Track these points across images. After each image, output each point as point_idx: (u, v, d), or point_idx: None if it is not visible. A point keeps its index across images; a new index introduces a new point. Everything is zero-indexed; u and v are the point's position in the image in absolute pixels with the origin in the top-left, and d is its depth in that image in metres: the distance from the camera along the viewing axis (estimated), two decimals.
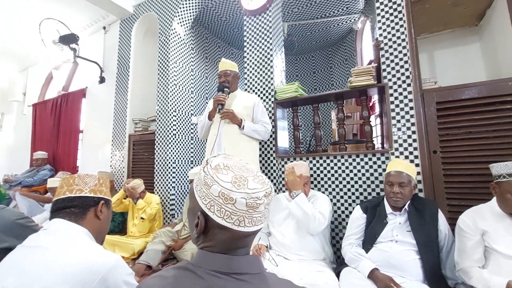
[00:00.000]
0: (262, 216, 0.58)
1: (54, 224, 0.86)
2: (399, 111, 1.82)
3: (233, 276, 0.53)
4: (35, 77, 5.30)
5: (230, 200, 0.54)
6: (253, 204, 0.55)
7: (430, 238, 1.39)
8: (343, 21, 3.81)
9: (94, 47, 4.08)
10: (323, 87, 4.62)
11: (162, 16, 3.32)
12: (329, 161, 2.08)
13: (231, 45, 4.52)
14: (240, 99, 2.10)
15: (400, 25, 1.88)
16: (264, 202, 0.56)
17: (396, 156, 1.79)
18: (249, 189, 0.55)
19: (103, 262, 0.79)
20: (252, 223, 0.56)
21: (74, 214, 0.88)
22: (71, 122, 4.25)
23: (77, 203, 0.90)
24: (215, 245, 0.57)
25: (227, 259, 0.55)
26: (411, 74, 1.80)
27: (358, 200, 1.92)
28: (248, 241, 0.59)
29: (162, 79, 3.23)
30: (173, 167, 3.06)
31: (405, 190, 1.45)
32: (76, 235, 0.85)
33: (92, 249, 0.83)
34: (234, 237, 0.56)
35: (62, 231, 0.84)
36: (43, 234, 0.84)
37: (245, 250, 0.59)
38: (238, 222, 0.55)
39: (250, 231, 0.56)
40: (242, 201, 0.54)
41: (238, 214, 0.54)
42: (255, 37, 2.56)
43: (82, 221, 0.89)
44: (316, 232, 1.62)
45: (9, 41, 4.55)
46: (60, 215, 0.87)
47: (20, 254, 0.79)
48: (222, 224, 0.55)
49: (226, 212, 0.55)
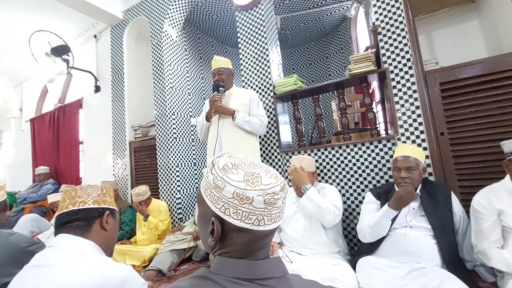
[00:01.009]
0: (281, 211, 0.55)
1: (59, 240, 0.83)
2: (402, 95, 1.78)
3: (257, 283, 0.49)
4: (30, 91, 5.27)
5: (246, 199, 0.51)
6: (271, 200, 0.52)
7: (446, 222, 1.36)
8: (336, 9, 3.76)
9: (87, 56, 4.03)
10: (320, 78, 4.58)
11: (153, 19, 3.27)
12: (334, 152, 2.04)
13: (224, 43, 4.47)
14: (236, 96, 2.06)
15: (397, 7, 1.84)
16: (282, 196, 0.54)
17: (402, 141, 1.75)
18: (264, 185, 0.52)
19: (114, 276, 0.76)
20: (272, 220, 0.53)
21: (79, 227, 0.85)
22: (70, 134, 4.22)
23: (81, 215, 0.86)
24: (234, 250, 0.53)
25: (249, 264, 0.52)
26: (412, 57, 1.76)
27: (367, 189, 1.89)
28: (268, 241, 0.56)
29: (158, 83, 3.19)
30: (176, 170, 3.03)
31: (413, 174, 1.42)
32: (83, 250, 0.82)
33: (101, 263, 0.80)
34: (254, 238, 0.53)
35: (68, 246, 0.81)
36: (49, 251, 0.81)
37: (265, 251, 0.56)
38: (257, 221, 0.52)
39: (271, 229, 0.53)
40: (259, 199, 0.51)
41: (257, 213, 0.52)
42: (249, 32, 2.52)
43: (88, 234, 0.86)
44: (332, 225, 1.59)
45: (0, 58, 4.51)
46: (64, 230, 0.84)
47: (26, 275, 0.76)
48: (241, 226, 0.52)
49: (243, 213, 0.52)
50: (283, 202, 0.54)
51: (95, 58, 3.98)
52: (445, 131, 1.65)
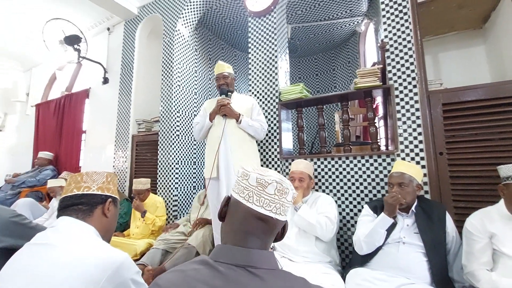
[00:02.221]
0: (272, 201, 0.61)
1: (61, 221, 0.85)
2: (404, 113, 1.81)
3: (248, 270, 0.53)
4: (39, 77, 5.33)
5: (245, 176, 0.64)
6: (262, 181, 0.62)
7: (438, 241, 1.37)
8: (347, 23, 3.83)
9: (98, 48, 4.09)
10: (326, 89, 4.63)
11: (167, 18, 3.33)
12: (333, 163, 2.07)
13: (234, 47, 4.54)
14: (238, 101, 2.12)
15: (406, 27, 1.88)
16: (275, 186, 0.62)
17: (402, 158, 1.78)
18: (264, 172, 0.64)
19: (112, 260, 0.78)
20: (260, 202, 0.61)
21: (82, 211, 0.88)
22: (74, 122, 4.26)
23: (85, 200, 0.89)
24: (230, 229, 0.63)
25: (244, 251, 0.57)
26: (417, 76, 1.80)
27: (363, 202, 1.91)
28: (260, 231, 0.61)
29: (166, 80, 3.24)
30: (176, 167, 3.06)
31: (404, 190, 1.44)
32: (83, 233, 0.85)
33: (100, 247, 0.82)
34: (245, 216, 0.61)
35: (70, 228, 0.84)
36: (51, 231, 0.83)
37: (259, 241, 0.61)
38: (247, 197, 0.62)
39: (258, 211, 0.60)
40: (253, 177, 0.63)
41: (249, 189, 0.62)
42: (260, 38, 2.57)
43: (89, 219, 0.89)
44: (328, 239, 1.61)
45: (12, 41, 4.58)
46: (67, 213, 0.87)
47: (28, 252, 0.79)
48: (236, 199, 0.63)
49: (240, 187, 0.64)
50: (275, 193, 0.62)
51: (106, 50, 4.05)
52: (444, 151, 1.67)
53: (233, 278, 0.51)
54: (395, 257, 1.40)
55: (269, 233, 0.63)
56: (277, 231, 0.65)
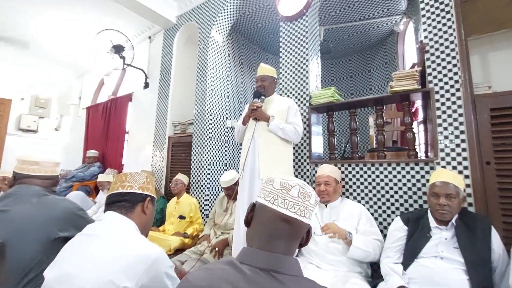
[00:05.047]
0: (296, 203, 0.64)
1: (107, 216, 0.96)
2: (446, 118, 1.69)
3: (272, 274, 0.55)
4: (89, 82, 5.91)
5: (269, 182, 0.68)
6: (286, 185, 0.65)
7: (482, 258, 1.26)
8: (384, 23, 3.66)
9: (141, 55, 4.42)
10: (360, 92, 4.46)
11: (202, 25, 3.49)
12: (366, 169, 2.00)
13: (266, 51, 4.59)
14: (276, 103, 2.11)
15: (448, 26, 1.76)
16: (298, 189, 0.65)
17: (442, 166, 1.66)
18: (287, 177, 0.68)
19: (149, 253, 0.86)
20: (285, 204, 0.63)
21: (125, 208, 0.98)
22: (119, 124, 4.64)
23: (128, 198, 0.99)
24: (256, 233, 0.65)
25: (269, 256, 0.59)
26: (461, 78, 1.67)
27: (398, 212, 1.82)
28: (285, 233, 0.63)
29: (200, 84, 3.39)
30: (208, 168, 3.18)
31: (453, 202, 1.34)
32: (126, 227, 0.94)
33: (139, 240, 0.91)
34: (270, 219, 0.63)
35: (115, 222, 0.94)
36: (99, 224, 0.94)
37: (284, 244, 0.63)
38: (273, 200, 0.65)
39: (283, 212, 0.63)
40: (277, 181, 0.67)
41: (274, 192, 0.66)
42: (291, 42, 2.58)
43: (131, 215, 0.98)
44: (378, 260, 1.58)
45: (68, 50, 5.14)
46: (113, 208, 0.97)
47: (80, 241, 0.90)
48: (261, 203, 0.67)
49: (265, 192, 0.68)
50: (299, 195, 0.65)
51: (147, 57, 4.35)
52: (492, 161, 1.53)
53: (256, 281, 0.54)
54: (431, 271, 1.31)
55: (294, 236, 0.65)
56: (301, 234, 0.67)
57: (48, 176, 1.31)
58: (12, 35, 4.58)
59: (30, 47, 4.99)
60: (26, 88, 5.33)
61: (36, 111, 5.43)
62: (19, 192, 1.18)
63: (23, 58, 5.22)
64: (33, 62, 5.36)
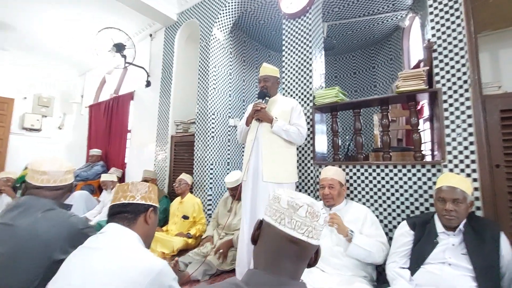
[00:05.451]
0: (303, 224, 0.62)
1: (110, 227, 0.95)
2: (454, 119, 1.65)
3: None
4: (92, 81, 5.89)
5: (276, 199, 0.66)
6: (293, 204, 0.63)
7: (491, 264, 1.23)
8: (389, 18, 3.58)
9: (142, 53, 4.38)
10: (364, 89, 4.40)
11: (204, 23, 3.44)
12: (371, 170, 1.97)
13: (268, 48, 4.53)
14: (279, 104, 2.08)
15: (457, 24, 1.71)
16: (306, 208, 0.62)
17: (449, 169, 1.63)
18: (295, 195, 0.66)
19: (153, 266, 0.84)
20: (292, 224, 0.61)
21: (127, 219, 0.96)
22: (121, 122, 4.63)
23: (130, 209, 0.97)
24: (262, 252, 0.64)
25: (275, 281, 0.57)
26: (470, 78, 1.62)
27: (403, 214, 1.79)
28: (292, 254, 0.61)
29: (202, 83, 3.36)
30: (211, 168, 3.17)
31: (460, 207, 1.31)
32: (128, 239, 0.93)
33: (142, 253, 0.89)
34: (277, 239, 0.61)
35: (117, 235, 0.92)
36: (102, 236, 0.92)
37: (291, 265, 0.61)
38: (279, 219, 0.63)
39: (290, 233, 0.61)
40: (284, 199, 0.64)
41: (280, 211, 0.63)
42: (294, 40, 2.52)
43: (133, 226, 0.97)
44: (381, 263, 1.56)
45: (69, 49, 5.12)
46: (115, 220, 0.96)
47: (83, 254, 0.88)
48: (268, 222, 0.65)
49: (272, 210, 0.65)
50: (307, 215, 0.63)
51: (149, 55, 4.32)
52: (502, 164, 1.49)
53: None
54: (438, 278, 1.29)
55: (302, 257, 0.63)
56: (309, 255, 0.65)
57: (58, 187, 1.22)
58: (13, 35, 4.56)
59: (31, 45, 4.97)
60: (28, 87, 5.33)
61: (39, 110, 5.44)
62: (27, 204, 1.12)
63: (25, 57, 5.21)
64: (34, 61, 5.35)
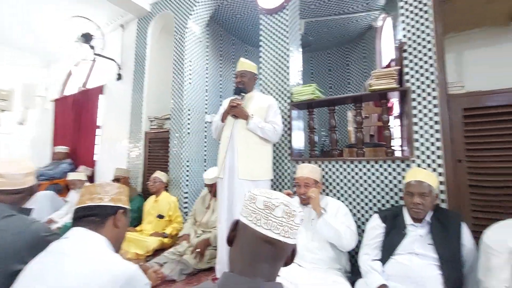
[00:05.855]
0: (279, 224, 0.61)
1: (74, 232, 0.88)
2: (422, 117, 1.73)
3: None
4: (58, 73, 5.48)
5: (252, 199, 0.64)
6: (269, 204, 0.62)
7: (454, 253, 1.32)
8: (362, 17, 3.68)
9: (112, 44, 4.14)
10: (339, 86, 4.51)
11: (178, 15, 3.31)
12: (345, 166, 2.02)
13: (245, 43, 4.48)
14: (256, 100, 2.06)
15: (426, 26, 1.78)
16: (282, 208, 0.62)
17: (417, 164, 1.72)
18: (271, 195, 0.64)
19: (123, 272, 0.80)
20: (268, 225, 0.60)
21: (94, 222, 0.90)
22: (90, 117, 4.36)
23: (97, 211, 0.91)
24: (238, 254, 0.62)
25: (251, 284, 0.56)
26: (437, 78, 1.71)
27: (375, 208, 1.87)
28: (268, 255, 0.61)
29: (177, 77, 3.24)
30: (187, 165, 3.09)
31: (426, 200, 1.39)
32: (95, 244, 0.87)
33: (111, 258, 0.84)
34: (253, 240, 0.60)
35: (83, 239, 0.86)
36: (65, 242, 0.86)
37: (267, 266, 0.60)
38: (255, 220, 0.61)
39: (266, 234, 0.60)
40: (260, 200, 0.63)
41: (256, 212, 0.62)
42: (272, 36, 2.51)
43: (101, 230, 0.91)
44: (350, 249, 1.60)
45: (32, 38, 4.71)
46: (81, 224, 0.89)
47: (44, 261, 0.81)
48: (244, 222, 0.63)
49: (247, 211, 0.64)
50: (283, 216, 0.62)
51: (120, 47, 4.09)
52: (464, 159, 1.60)
53: None
54: (407, 268, 1.36)
55: (278, 258, 0.63)
56: (286, 255, 0.65)
57: (16, 190, 1.13)
58: None
59: None
60: None
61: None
62: None
63: None
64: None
